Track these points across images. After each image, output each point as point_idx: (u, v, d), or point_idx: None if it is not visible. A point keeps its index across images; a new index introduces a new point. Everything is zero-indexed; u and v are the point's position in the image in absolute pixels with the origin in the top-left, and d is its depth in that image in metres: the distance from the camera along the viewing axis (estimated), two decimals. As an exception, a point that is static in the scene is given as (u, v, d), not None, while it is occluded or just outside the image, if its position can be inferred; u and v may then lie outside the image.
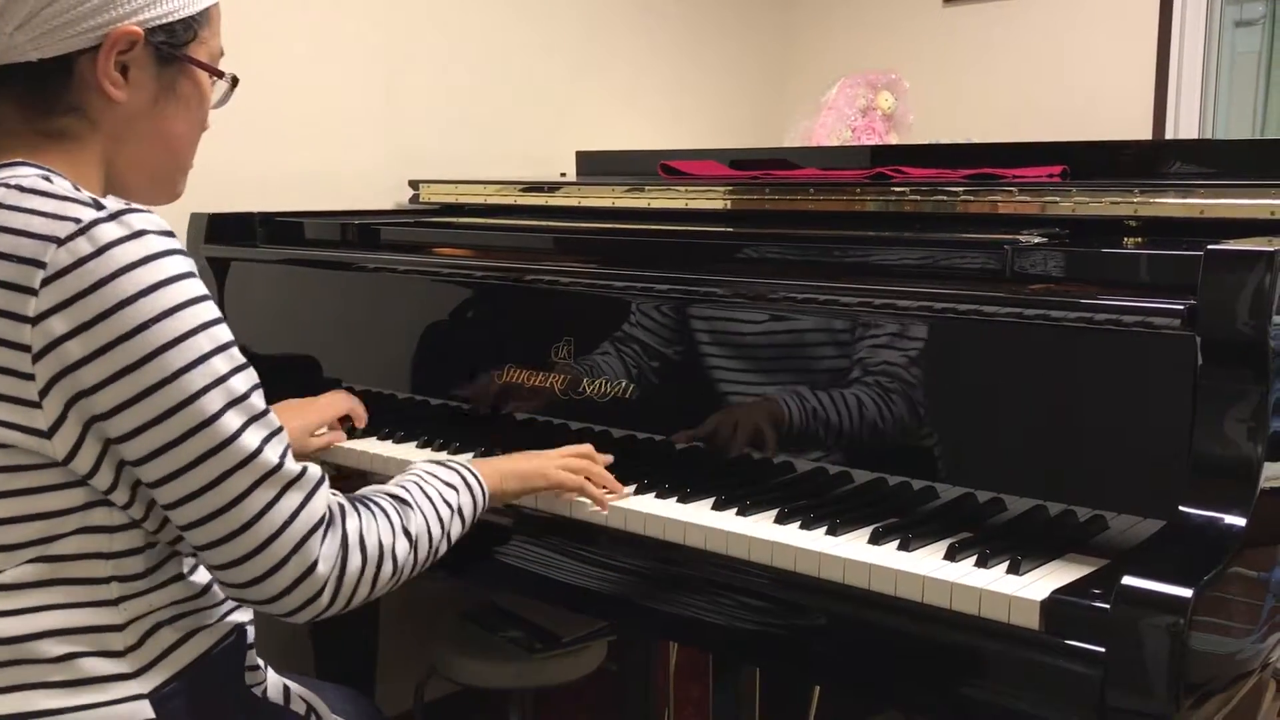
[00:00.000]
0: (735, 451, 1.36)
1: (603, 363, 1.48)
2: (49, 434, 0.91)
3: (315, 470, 0.99)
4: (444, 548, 1.13)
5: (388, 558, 1.03)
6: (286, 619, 0.99)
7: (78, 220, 0.89)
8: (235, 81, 1.11)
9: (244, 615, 1.09)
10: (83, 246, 0.89)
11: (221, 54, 1.10)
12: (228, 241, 1.93)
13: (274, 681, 1.14)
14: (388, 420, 1.63)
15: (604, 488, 1.30)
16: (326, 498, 0.99)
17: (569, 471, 1.29)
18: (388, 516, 1.05)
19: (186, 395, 0.90)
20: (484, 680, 2.00)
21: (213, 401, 0.91)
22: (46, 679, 0.94)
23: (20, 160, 0.97)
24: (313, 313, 1.87)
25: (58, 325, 0.88)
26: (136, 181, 1.06)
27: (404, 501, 1.09)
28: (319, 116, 2.21)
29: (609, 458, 1.36)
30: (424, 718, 2.15)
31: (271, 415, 0.97)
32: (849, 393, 1.29)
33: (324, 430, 1.55)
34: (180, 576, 1.03)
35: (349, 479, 1.53)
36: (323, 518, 0.98)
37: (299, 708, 1.14)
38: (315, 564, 0.96)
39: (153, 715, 0.97)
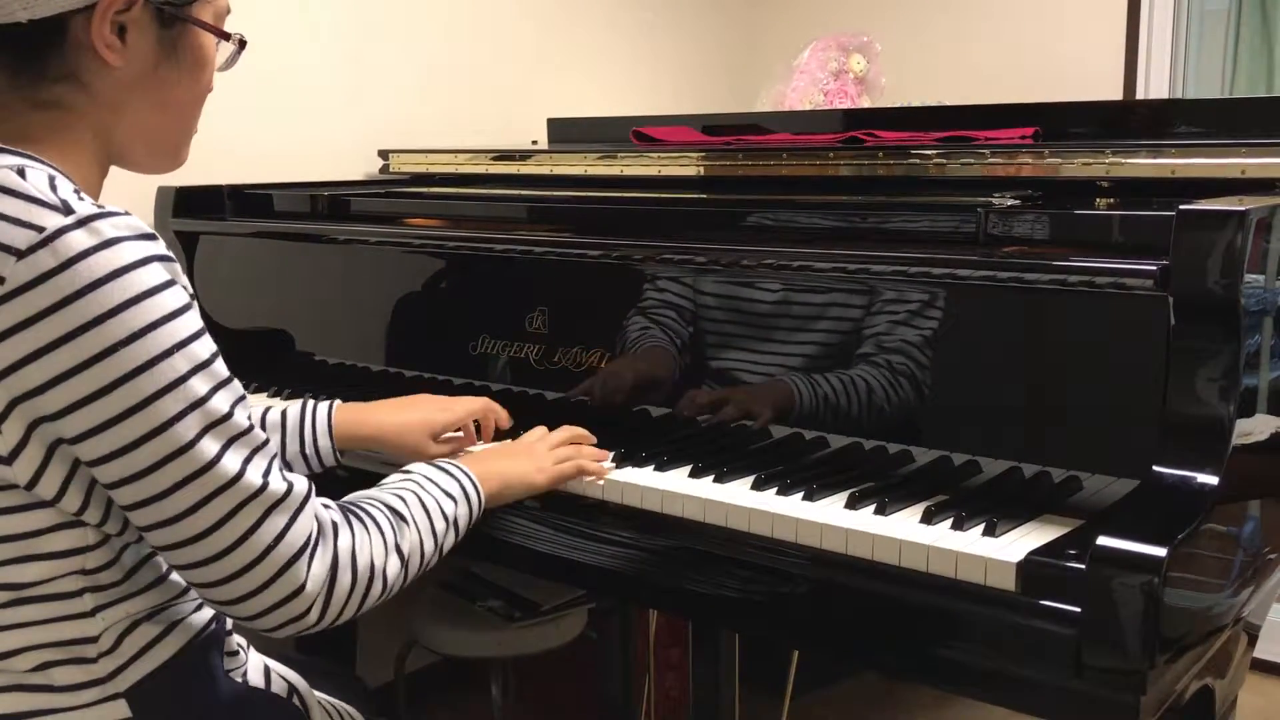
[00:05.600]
0: (712, 419, 1.36)
1: (577, 332, 1.47)
2: (9, 459, 0.86)
3: (301, 486, 0.94)
4: (435, 560, 1.09)
5: (378, 578, 0.99)
6: (270, 634, 0.96)
7: (41, 229, 0.82)
8: (243, 43, 1.04)
9: None
10: (45, 260, 0.81)
11: (228, 11, 1.03)
12: (196, 215, 1.91)
13: (255, 663, 1.12)
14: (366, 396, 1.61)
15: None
16: (314, 514, 0.95)
17: (563, 460, 1.27)
18: (381, 533, 1.01)
19: (159, 423, 0.85)
20: (464, 650, 2.00)
21: (188, 427, 0.86)
22: (20, 684, 0.93)
23: None
24: (283, 285, 1.85)
25: (17, 348, 0.82)
26: (136, 152, 0.99)
27: (400, 516, 1.04)
28: (287, 86, 2.18)
29: (593, 439, 1.34)
30: (405, 688, 2.15)
31: (256, 431, 0.91)
32: (825, 359, 1.29)
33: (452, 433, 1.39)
34: (161, 580, 0.99)
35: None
36: (310, 536, 0.93)
37: (280, 688, 1.13)
38: (303, 585, 0.93)
39: (129, 714, 0.96)
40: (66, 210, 0.84)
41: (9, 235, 0.83)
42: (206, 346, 0.89)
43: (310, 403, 1.33)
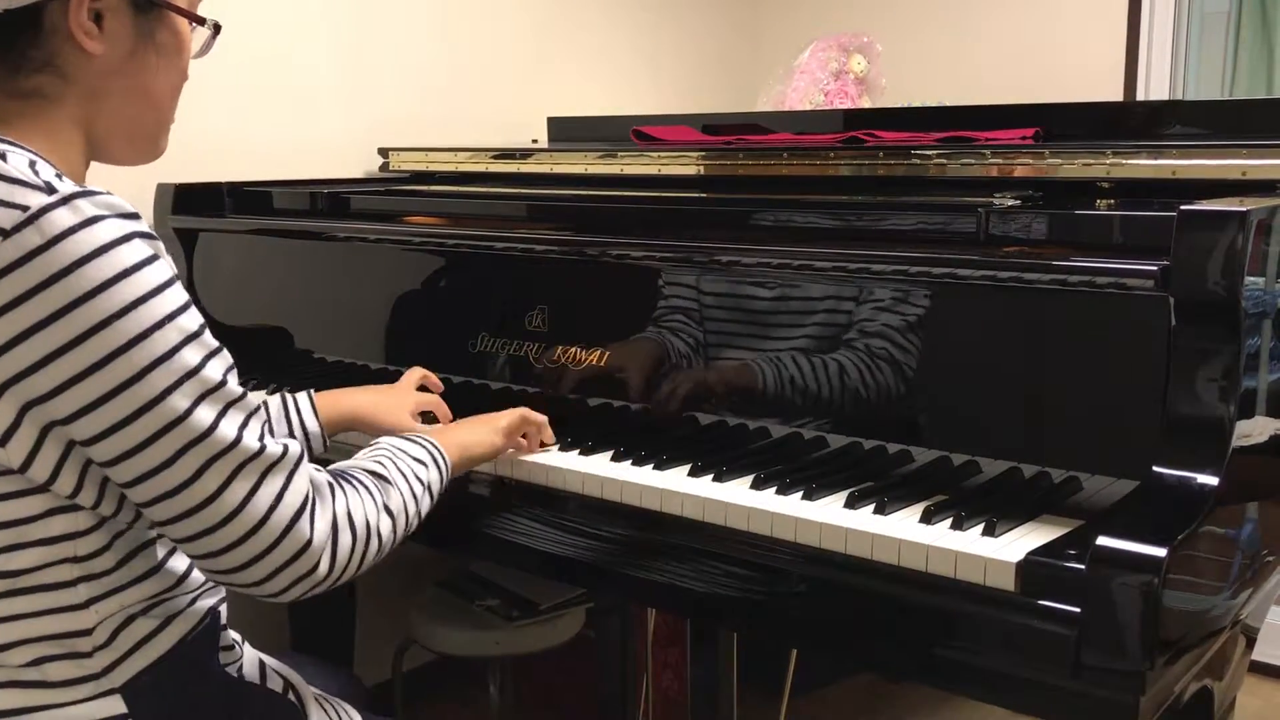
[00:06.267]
0: (712, 417, 1.36)
1: (577, 330, 1.47)
2: (2, 442, 0.86)
3: (295, 448, 0.95)
4: (416, 524, 1.11)
5: (374, 536, 1.02)
6: (276, 599, 0.96)
7: (25, 208, 0.82)
8: (218, 29, 1.05)
9: (216, 597, 1.07)
10: (31, 238, 0.82)
11: None
12: (195, 212, 1.90)
13: (250, 658, 1.12)
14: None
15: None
16: (308, 475, 0.97)
17: (515, 435, 1.34)
18: (370, 494, 1.03)
19: (155, 394, 0.86)
20: (462, 649, 2.00)
21: (183, 397, 0.87)
22: (15, 680, 0.93)
23: None
24: (283, 283, 1.85)
25: (8, 325, 0.82)
26: (116, 142, 1.00)
27: (383, 478, 1.07)
28: (286, 83, 2.18)
29: (543, 417, 1.38)
30: (403, 687, 2.15)
31: (249, 397, 0.92)
32: (825, 357, 1.29)
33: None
34: (155, 570, 0.99)
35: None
36: (308, 496, 0.95)
37: (275, 684, 1.13)
38: (309, 542, 0.94)
39: (124, 709, 0.95)
40: (50, 190, 0.84)
41: None
42: (194, 318, 0.89)
43: (288, 393, 1.37)
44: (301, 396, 1.37)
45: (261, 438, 0.92)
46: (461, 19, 2.47)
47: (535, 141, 2.44)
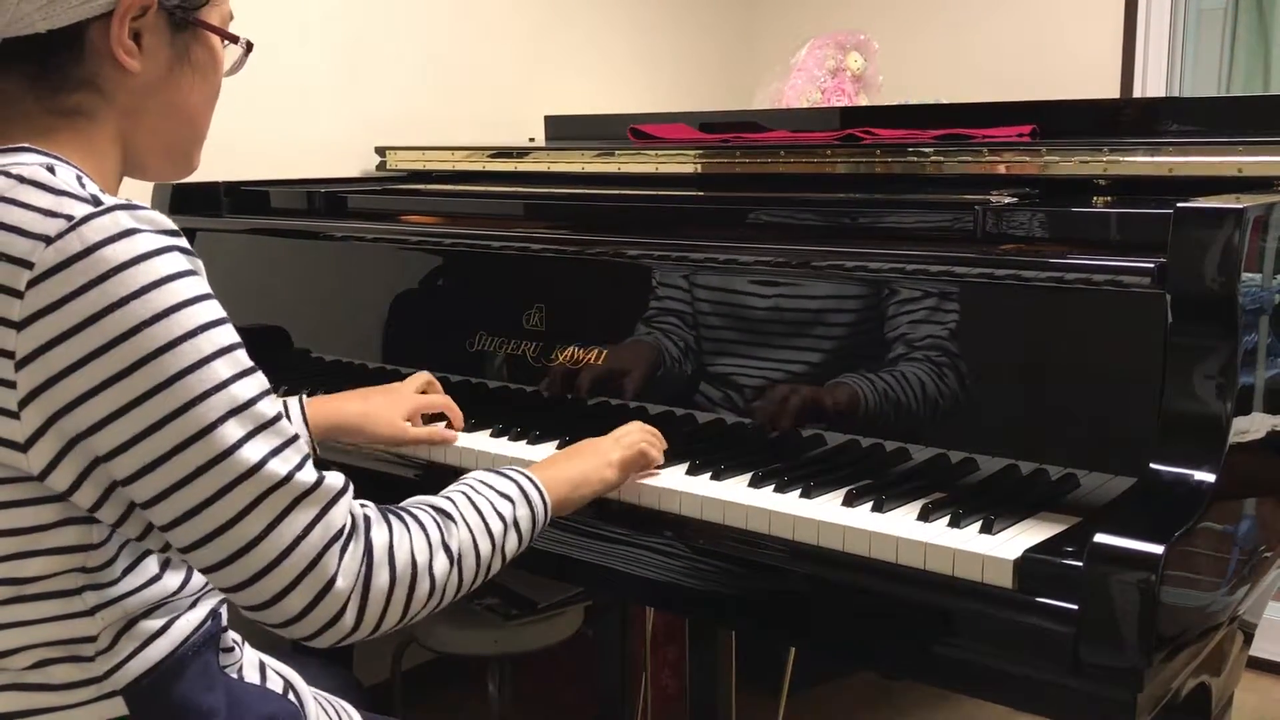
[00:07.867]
0: (709, 415, 1.36)
1: (574, 329, 1.47)
2: (25, 447, 0.85)
3: (335, 480, 0.91)
4: (497, 564, 1.05)
5: (423, 575, 0.95)
6: (309, 642, 0.92)
7: (70, 217, 0.83)
8: (249, 46, 1.07)
9: (217, 598, 1.06)
10: (72, 245, 0.82)
11: (231, 17, 1.05)
12: (192, 212, 1.90)
13: (250, 659, 1.12)
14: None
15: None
16: (347, 510, 0.92)
17: (633, 469, 1.24)
18: (424, 530, 0.97)
19: (182, 403, 0.84)
20: (461, 647, 2.00)
21: (212, 410, 0.85)
22: (18, 682, 0.92)
23: (25, 146, 0.92)
24: (280, 283, 1.85)
25: (44, 330, 0.82)
26: (154, 158, 1.02)
27: (447, 515, 1.00)
28: (283, 83, 2.18)
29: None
30: (402, 686, 2.15)
31: (283, 423, 0.89)
32: (822, 356, 1.29)
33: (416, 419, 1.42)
34: (158, 576, 0.98)
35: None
36: (341, 530, 0.89)
37: (275, 684, 1.12)
38: (333, 580, 0.88)
39: (126, 712, 0.95)
40: (95, 202, 0.85)
41: (41, 225, 0.84)
42: (228, 334, 0.89)
43: (279, 397, 1.34)
44: (292, 402, 1.34)
45: (295, 467, 0.88)
46: (459, 18, 2.47)
47: (532, 140, 2.44)
